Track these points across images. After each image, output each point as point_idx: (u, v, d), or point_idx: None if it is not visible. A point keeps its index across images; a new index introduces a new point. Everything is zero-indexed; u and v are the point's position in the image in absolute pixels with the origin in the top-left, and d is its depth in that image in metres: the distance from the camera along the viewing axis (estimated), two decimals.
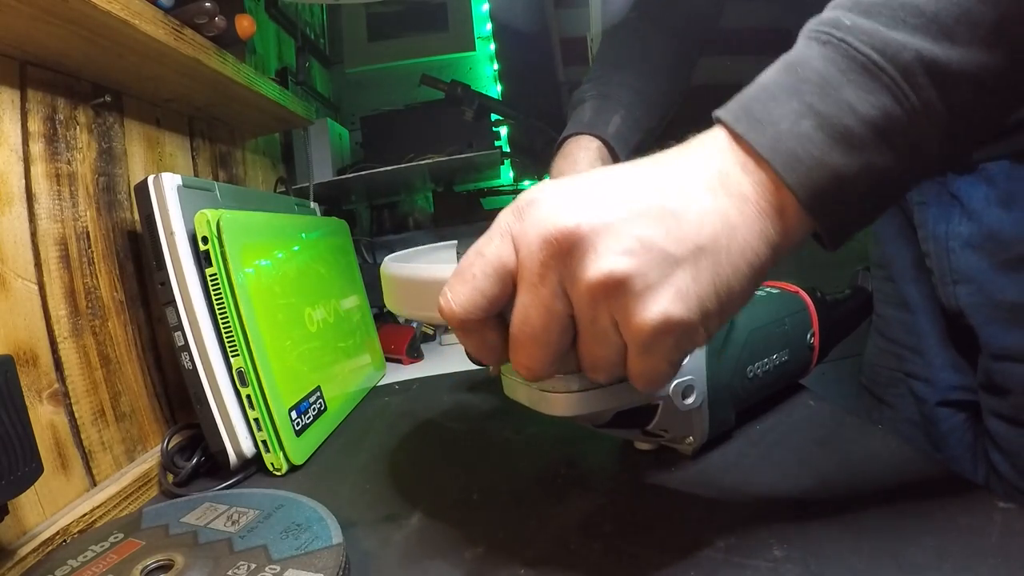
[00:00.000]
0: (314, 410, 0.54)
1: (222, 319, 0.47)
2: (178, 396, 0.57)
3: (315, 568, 0.30)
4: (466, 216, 1.15)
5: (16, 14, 0.38)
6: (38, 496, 0.39)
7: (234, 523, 0.36)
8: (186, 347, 0.47)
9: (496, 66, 1.36)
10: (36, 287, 0.43)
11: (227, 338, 0.47)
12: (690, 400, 0.37)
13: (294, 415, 0.51)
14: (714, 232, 0.23)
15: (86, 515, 0.41)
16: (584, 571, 0.30)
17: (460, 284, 0.25)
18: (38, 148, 0.45)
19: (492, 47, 1.36)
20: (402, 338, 0.83)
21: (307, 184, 0.89)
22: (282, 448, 0.48)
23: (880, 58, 0.22)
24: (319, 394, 0.56)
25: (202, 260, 0.48)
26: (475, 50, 1.36)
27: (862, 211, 0.24)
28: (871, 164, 0.22)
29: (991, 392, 0.47)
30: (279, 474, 0.48)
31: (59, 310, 0.45)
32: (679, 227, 0.23)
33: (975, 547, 0.27)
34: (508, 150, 1.20)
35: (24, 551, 0.36)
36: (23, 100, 0.44)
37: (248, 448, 0.48)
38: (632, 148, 0.59)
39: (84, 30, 0.42)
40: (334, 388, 0.60)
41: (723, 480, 0.37)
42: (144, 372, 0.54)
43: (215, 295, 0.47)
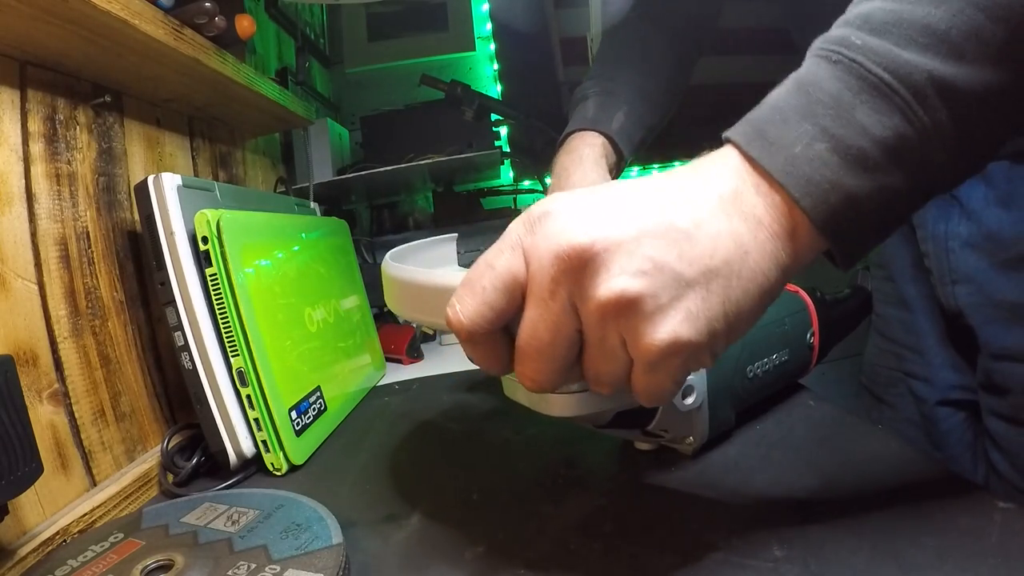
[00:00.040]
0: (314, 410, 0.54)
1: (222, 319, 0.47)
2: (178, 396, 0.57)
3: (315, 568, 0.30)
4: (466, 216, 1.15)
5: (16, 14, 0.38)
6: (38, 496, 0.39)
7: (234, 523, 0.36)
8: (186, 347, 0.47)
9: (496, 66, 1.36)
10: (36, 287, 0.43)
11: (227, 338, 0.48)
12: (690, 400, 0.37)
13: (294, 415, 0.51)
14: (727, 255, 0.23)
15: (86, 515, 0.41)
16: (584, 571, 0.30)
17: (469, 296, 0.25)
18: (38, 148, 0.45)
19: (492, 47, 1.36)
20: (402, 338, 0.83)
21: (307, 184, 0.89)
22: (282, 448, 0.48)
23: (892, 79, 0.22)
24: (319, 394, 0.56)
25: (202, 260, 0.48)
26: (475, 50, 1.36)
27: (875, 231, 0.24)
28: (884, 185, 0.22)
29: (991, 392, 0.47)
30: (279, 474, 0.48)
31: (59, 310, 0.45)
32: (692, 248, 0.23)
33: (975, 547, 0.27)
34: (508, 150, 1.20)
35: (24, 551, 0.36)
36: (23, 100, 0.44)
37: (248, 448, 0.48)
38: (635, 144, 0.59)
39: (84, 30, 0.42)
40: (334, 388, 0.60)
41: (723, 480, 0.37)
42: (144, 372, 0.54)
43: (215, 295, 0.47)
